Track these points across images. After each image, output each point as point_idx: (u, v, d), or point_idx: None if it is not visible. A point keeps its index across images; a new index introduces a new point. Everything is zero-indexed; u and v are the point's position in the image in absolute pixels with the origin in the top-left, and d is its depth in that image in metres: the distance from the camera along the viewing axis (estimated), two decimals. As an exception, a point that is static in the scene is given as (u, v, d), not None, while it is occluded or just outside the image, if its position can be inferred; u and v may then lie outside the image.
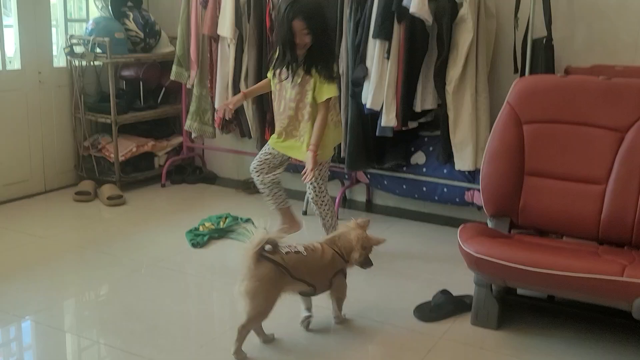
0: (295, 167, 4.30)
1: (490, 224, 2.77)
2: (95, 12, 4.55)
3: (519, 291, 2.82)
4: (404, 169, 3.77)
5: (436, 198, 3.79)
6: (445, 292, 2.82)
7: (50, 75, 4.30)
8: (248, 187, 4.54)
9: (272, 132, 4.04)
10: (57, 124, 4.38)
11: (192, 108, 4.29)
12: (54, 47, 4.40)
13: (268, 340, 2.48)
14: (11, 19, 4.13)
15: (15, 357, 2.47)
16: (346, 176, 4.12)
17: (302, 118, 3.08)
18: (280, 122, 3.16)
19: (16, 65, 4.15)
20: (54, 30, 4.40)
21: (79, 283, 3.02)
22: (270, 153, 3.24)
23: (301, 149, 3.09)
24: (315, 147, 2.97)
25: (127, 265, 3.20)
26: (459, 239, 2.50)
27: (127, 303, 2.81)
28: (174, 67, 4.30)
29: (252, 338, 2.42)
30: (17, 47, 4.13)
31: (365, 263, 2.59)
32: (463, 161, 3.46)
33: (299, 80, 3.01)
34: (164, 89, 4.75)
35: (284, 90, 3.09)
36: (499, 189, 2.73)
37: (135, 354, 2.37)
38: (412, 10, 3.26)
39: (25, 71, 4.16)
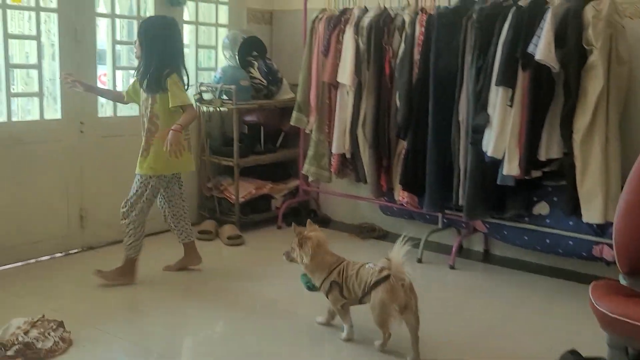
0: (410, 214, 4.27)
1: (623, 282, 2.58)
2: (223, 61, 4.82)
3: (657, 356, 2.59)
4: (526, 219, 3.63)
5: (560, 251, 3.60)
6: (574, 353, 2.64)
7: (180, 120, 4.57)
8: (362, 232, 4.56)
9: (388, 178, 4.09)
10: (184, 165, 4.63)
11: (310, 152, 4.39)
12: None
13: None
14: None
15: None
16: (463, 224, 4.03)
17: (148, 131, 3.40)
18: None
19: (151, 110, 4.45)
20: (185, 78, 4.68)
21: (199, 318, 3.13)
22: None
23: (141, 163, 3.42)
24: (179, 127, 3.26)
25: (245, 304, 3.29)
26: (592, 297, 2.34)
27: (246, 342, 2.87)
28: (294, 113, 4.45)
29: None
30: (152, 94, 4.43)
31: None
32: (591, 213, 3.28)
33: (145, 95, 3.39)
34: (283, 133, 4.91)
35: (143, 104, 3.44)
36: (635, 244, 2.55)
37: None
38: (537, 57, 3.19)
39: (158, 116, 4.44)
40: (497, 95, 3.39)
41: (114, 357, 2.71)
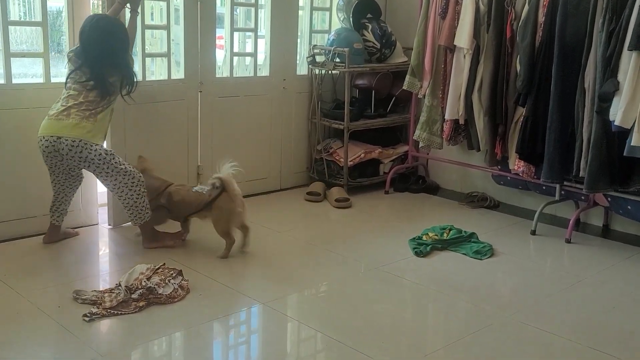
0: (525, 184, 4.12)
1: None
2: (336, 24, 4.81)
3: None
4: (654, 194, 3.40)
5: (691, 230, 3.35)
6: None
7: (292, 82, 4.63)
8: (472, 200, 4.46)
9: (504, 146, 3.95)
10: (295, 128, 4.70)
11: (422, 118, 4.32)
12: (297, 57, 4.73)
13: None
14: (264, 30, 4.53)
15: (255, 334, 2.71)
16: (583, 197, 3.83)
17: None
18: None
19: (265, 72, 4.54)
20: (298, 40, 4.72)
21: (308, 277, 3.20)
22: None
23: None
24: None
25: (351, 265, 3.32)
26: None
27: (352, 302, 2.91)
28: (407, 77, 4.37)
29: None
30: (267, 56, 4.51)
31: None
32: None
33: None
34: (394, 98, 4.85)
35: None
36: None
37: (362, 353, 2.44)
38: (680, 18, 2.93)
39: (272, 78, 4.53)
40: (629, 61, 3.16)
41: (227, 305, 2.84)
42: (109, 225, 3.74)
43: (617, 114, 3.20)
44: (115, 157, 3.25)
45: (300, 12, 4.67)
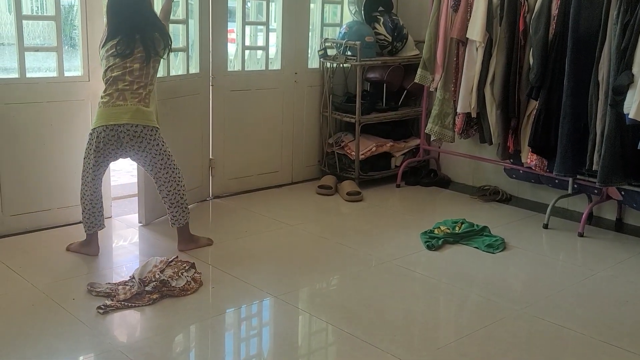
0: (537, 178, 4.10)
1: None
2: (348, 17, 4.80)
3: None
4: (668, 188, 3.38)
5: None
6: None
7: (304, 75, 4.63)
8: (484, 194, 4.45)
9: (516, 139, 3.93)
10: (306, 121, 4.70)
11: (434, 111, 4.30)
12: (309, 50, 4.72)
13: None
14: (275, 24, 4.53)
15: (267, 327, 2.73)
16: (596, 191, 3.81)
17: None
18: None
19: (276, 66, 4.54)
20: (310, 34, 4.72)
21: (319, 270, 3.21)
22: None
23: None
24: None
25: (363, 259, 3.32)
26: None
27: (364, 295, 2.91)
28: (419, 70, 4.35)
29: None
30: (279, 49, 4.51)
31: None
32: None
33: None
34: (405, 91, 4.84)
35: None
36: None
37: (374, 346, 2.45)
38: (696, 10, 2.89)
39: (283, 71, 4.53)
40: (644, 53, 3.13)
41: (239, 298, 2.86)
42: (140, 223, 3.71)
43: (631, 107, 3.17)
44: (169, 149, 3.17)
45: (311, 5, 4.66)
